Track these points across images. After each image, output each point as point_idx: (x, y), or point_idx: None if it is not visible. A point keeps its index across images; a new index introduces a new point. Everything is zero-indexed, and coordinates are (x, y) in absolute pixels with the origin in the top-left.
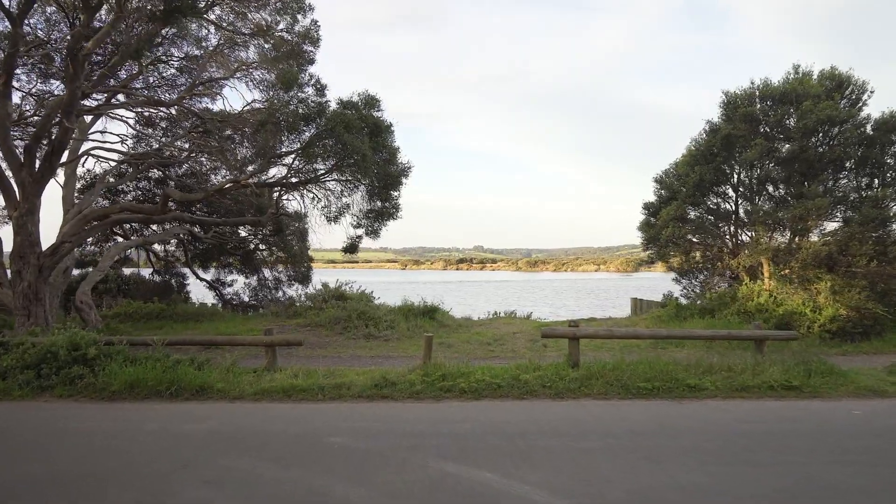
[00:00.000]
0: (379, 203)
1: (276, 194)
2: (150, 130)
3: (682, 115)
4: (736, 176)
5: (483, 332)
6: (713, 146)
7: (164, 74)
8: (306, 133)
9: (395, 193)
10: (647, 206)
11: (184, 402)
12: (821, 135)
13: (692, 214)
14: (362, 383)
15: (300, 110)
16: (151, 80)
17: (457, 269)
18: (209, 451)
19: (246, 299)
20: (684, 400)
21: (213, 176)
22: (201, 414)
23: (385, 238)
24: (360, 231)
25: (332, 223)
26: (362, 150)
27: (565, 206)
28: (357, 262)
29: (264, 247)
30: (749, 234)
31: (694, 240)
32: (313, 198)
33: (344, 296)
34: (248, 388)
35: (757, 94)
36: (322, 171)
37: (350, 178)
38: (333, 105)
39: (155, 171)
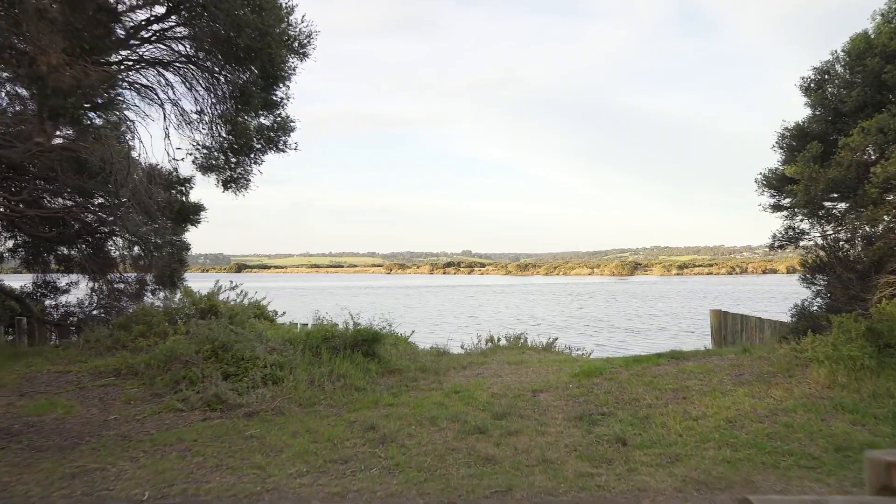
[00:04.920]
0: (237, 108)
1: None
2: None
3: (670, 119)
4: None
5: (469, 391)
6: None
7: None
8: None
9: (280, 93)
10: (793, 135)
11: None
12: None
13: None
14: None
15: None
16: None
17: (443, 274)
18: None
19: (95, 313)
20: None
21: None
22: None
23: (373, 243)
24: (199, 173)
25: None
26: None
27: (554, 209)
28: (343, 266)
29: (119, 228)
30: None
31: None
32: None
33: (216, 308)
34: None
35: None
36: None
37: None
38: None
39: None
